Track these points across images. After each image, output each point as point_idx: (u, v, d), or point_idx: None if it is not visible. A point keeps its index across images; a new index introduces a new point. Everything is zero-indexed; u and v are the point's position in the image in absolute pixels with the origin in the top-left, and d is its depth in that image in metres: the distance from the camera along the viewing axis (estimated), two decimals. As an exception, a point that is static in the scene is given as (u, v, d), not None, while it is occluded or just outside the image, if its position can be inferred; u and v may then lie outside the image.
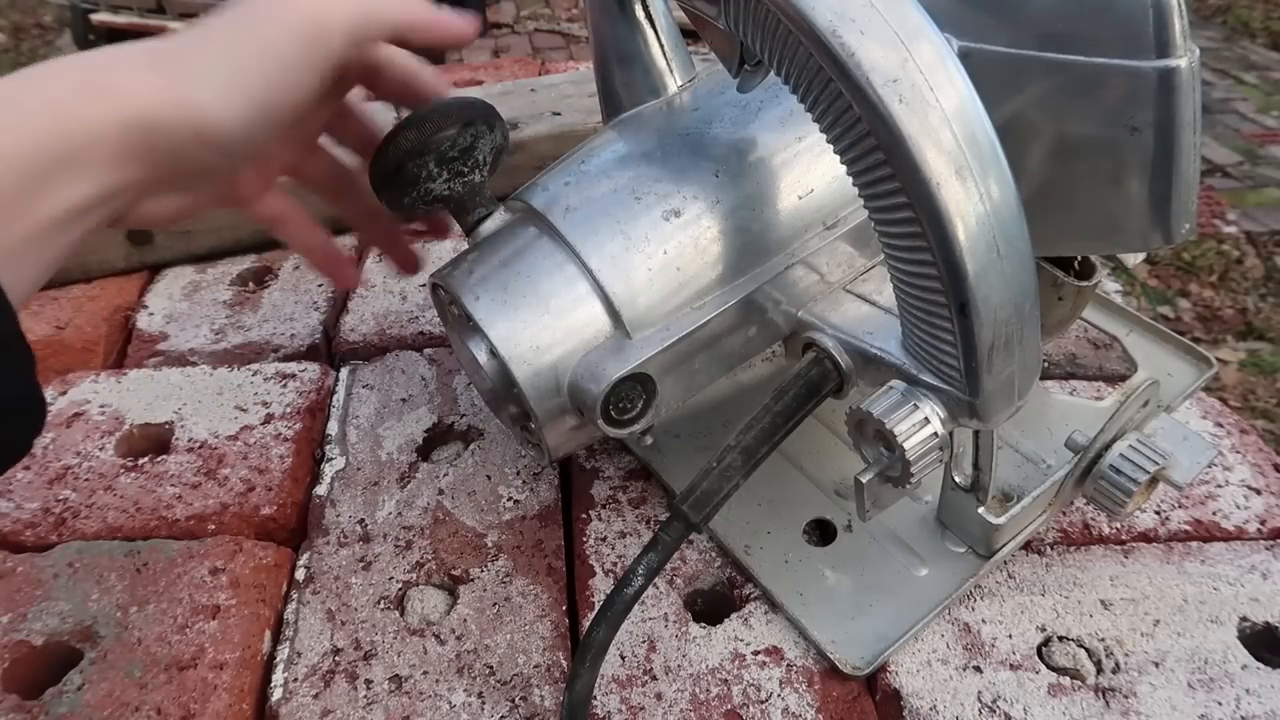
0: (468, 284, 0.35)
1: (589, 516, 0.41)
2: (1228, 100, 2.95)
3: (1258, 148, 2.65)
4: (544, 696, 0.34)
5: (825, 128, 0.27)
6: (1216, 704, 0.34)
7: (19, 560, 0.39)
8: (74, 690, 0.34)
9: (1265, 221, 2.28)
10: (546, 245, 0.35)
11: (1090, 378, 0.51)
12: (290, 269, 0.59)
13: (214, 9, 0.29)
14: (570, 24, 3.63)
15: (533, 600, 0.38)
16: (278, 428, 0.46)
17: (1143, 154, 0.29)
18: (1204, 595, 0.38)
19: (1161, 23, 0.27)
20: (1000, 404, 0.29)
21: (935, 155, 0.25)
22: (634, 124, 0.40)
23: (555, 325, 0.34)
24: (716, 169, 0.36)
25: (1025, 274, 0.27)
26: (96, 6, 3.11)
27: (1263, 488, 0.43)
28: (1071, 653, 0.36)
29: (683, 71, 0.41)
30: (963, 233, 0.26)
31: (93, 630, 0.36)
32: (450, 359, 0.51)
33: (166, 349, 0.52)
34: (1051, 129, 0.31)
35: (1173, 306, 1.98)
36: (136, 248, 0.58)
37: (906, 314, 0.30)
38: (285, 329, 0.53)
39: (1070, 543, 0.41)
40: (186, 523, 0.41)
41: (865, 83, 0.25)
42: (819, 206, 0.36)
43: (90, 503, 0.41)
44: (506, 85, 0.75)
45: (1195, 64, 0.28)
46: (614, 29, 0.40)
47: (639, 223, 0.35)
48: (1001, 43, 0.30)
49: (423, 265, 0.41)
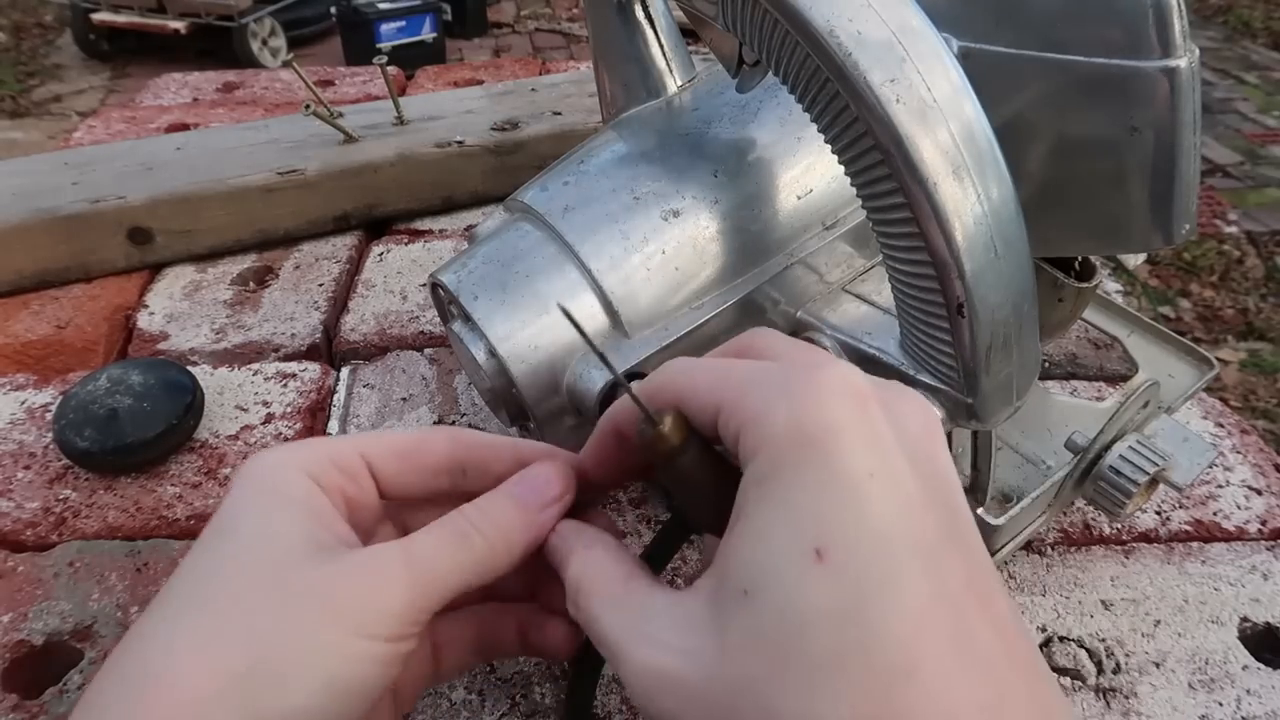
0: (467, 283, 0.35)
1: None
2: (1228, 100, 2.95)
3: (1258, 148, 2.65)
4: (544, 694, 0.34)
5: (823, 128, 0.27)
6: (1217, 704, 0.34)
7: (19, 560, 0.39)
8: (74, 690, 0.34)
9: (1266, 221, 2.28)
10: (545, 245, 0.35)
11: (1091, 378, 0.51)
12: (290, 269, 0.59)
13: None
14: (570, 24, 3.63)
15: (532, 600, 0.38)
16: (278, 427, 0.46)
17: (1143, 154, 0.29)
18: (1205, 596, 0.38)
19: (1162, 23, 0.27)
20: (998, 404, 0.29)
21: (933, 155, 0.25)
22: (634, 124, 0.40)
23: (554, 325, 0.34)
24: (715, 169, 0.36)
25: (1023, 274, 0.27)
26: (97, 6, 3.11)
27: (1263, 488, 0.43)
28: (1072, 653, 0.36)
29: (683, 71, 0.41)
30: (960, 233, 0.25)
31: (93, 630, 0.36)
32: (451, 359, 0.51)
33: (167, 348, 0.52)
34: (1051, 129, 0.31)
35: (1173, 306, 1.98)
36: (137, 247, 0.58)
37: (905, 314, 0.30)
38: (286, 329, 0.53)
39: (1071, 543, 0.41)
40: (187, 522, 0.41)
41: (862, 83, 0.25)
42: (818, 207, 0.36)
43: (90, 502, 0.41)
44: (507, 85, 0.75)
45: (1195, 64, 0.28)
46: (614, 29, 0.40)
47: (638, 223, 0.35)
48: (1001, 43, 0.30)
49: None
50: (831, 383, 0.21)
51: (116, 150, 0.64)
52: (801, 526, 0.20)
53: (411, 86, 0.88)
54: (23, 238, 0.55)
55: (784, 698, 0.19)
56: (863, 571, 0.19)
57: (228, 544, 0.24)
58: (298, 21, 3.29)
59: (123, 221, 0.57)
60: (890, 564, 0.19)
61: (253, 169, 0.60)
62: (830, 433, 0.20)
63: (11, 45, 3.50)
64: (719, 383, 0.23)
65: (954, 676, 0.19)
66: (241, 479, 0.25)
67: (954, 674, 0.19)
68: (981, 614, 0.20)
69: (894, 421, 0.21)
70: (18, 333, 0.53)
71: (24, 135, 2.79)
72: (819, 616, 0.19)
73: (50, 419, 0.44)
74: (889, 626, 0.19)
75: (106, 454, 0.41)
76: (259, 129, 0.66)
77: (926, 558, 0.20)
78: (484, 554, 0.25)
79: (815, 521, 0.20)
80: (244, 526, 0.24)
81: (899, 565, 0.19)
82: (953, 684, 0.18)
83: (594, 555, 0.24)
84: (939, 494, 0.21)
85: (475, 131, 0.65)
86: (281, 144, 0.63)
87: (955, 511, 0.21)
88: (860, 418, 0.21)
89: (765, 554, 0.20)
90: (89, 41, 3.29)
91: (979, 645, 0.19)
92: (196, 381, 0.45)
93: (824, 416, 0.20)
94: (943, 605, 0.19)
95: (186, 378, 0.45)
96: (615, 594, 0.23)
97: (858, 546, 0.19)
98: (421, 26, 3.08)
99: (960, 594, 0.20)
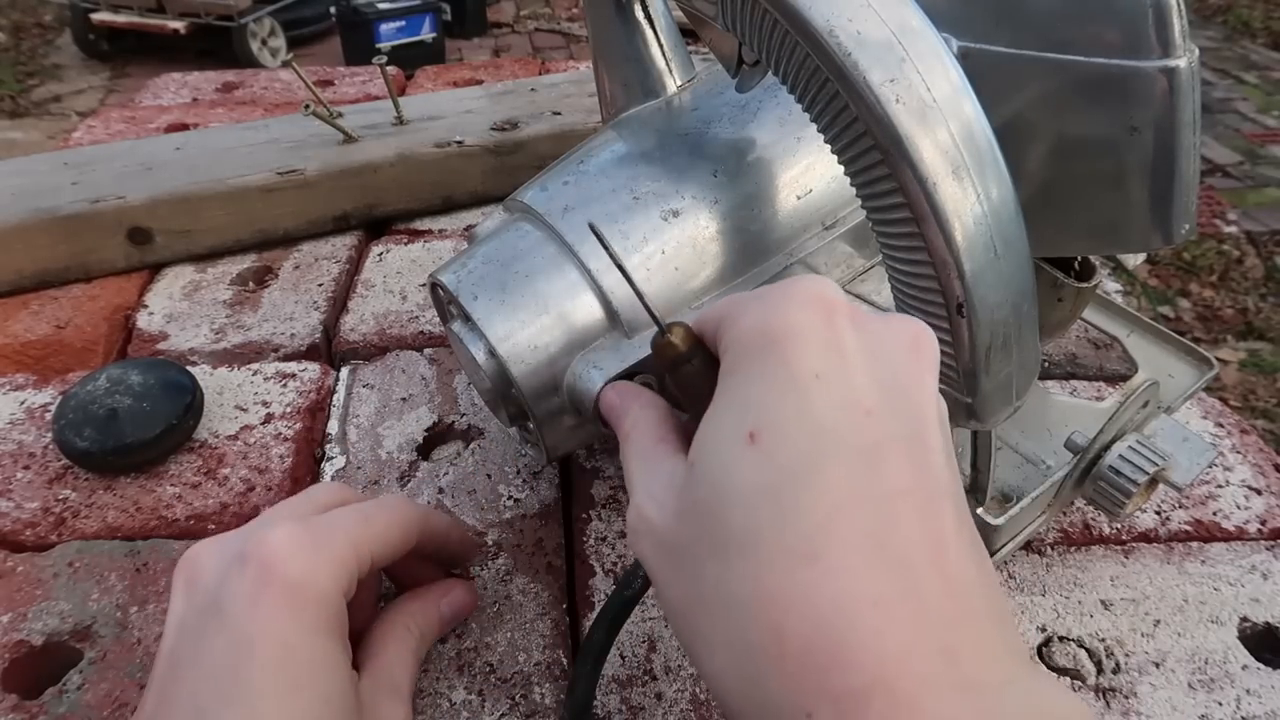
0: (466, 283, 0.35)
1: (589, 516, 0.41)
2: (1228, 100, 2.95)
3: (1258, 147, 2.65)
4: (544, 694, 0.34)
5: (823, 128, 0.27)
6: (1217, 704, 0.34)
7: (19, 560, 0.39)
8: (74, 690, 0.34)
9: (1265, 221, 2.28)
10: (545, 245, 0.35)
11: (1091, 378, 0.51)
12: (290, 269, 0.59)
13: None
14: (570, 24, 3.63)
15: (533, 599, 0.38)
16: (278, 427, 0.46)
17: (1143, 154, 0.29)
18: (1204, 595, 0.38)
19: (1161, 23, 0.27)
20: (998, 404, 0.29)
21: (932, 155, 0.25)
22: (633, 124, 0.40)
23: (553, 325, 0.34)
24: (715, 169, 0.36)
25: (1023, 274, 0.27)
26: (97, 6, 3.11)
27: (1263, 488, 0.43)
28: (1072, 653, 0.36)
29: (682, 71, 0.41)
30: (960, 233, 0.26)
31: (93, 630, 0.36)
32: (450, 358, 0.51)
33: (167, 348, 0.52)
34: (1051, 129, 0.31)
35: (1173, 306, 1.98)
36: (137, 247, 0.58)
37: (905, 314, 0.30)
38: (285, 328, 0.53)
39: (1070, 543, 0.41)
40: (186, 523, 0.41)
41: (862, 83, 0.25)
42: (817, 207, 0.36)
43: (90, 502, 0.41)
44: (507, 85, 0.75)
45: (1195, 64, 0.28)
46: (613, 29, 0.40)
47: (637, 223, 0.35)
48: (1001, 43, 0.30)
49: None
50: (801, 293, 0.23)
51: (116, 150, 0.64)
52: (744, 412, 0.22)
53: (411, 86, 0.88)
54: (22, 238, 0.55)
55: (709, 562, 0.21)
56: (790, 458, 0.20)
57: (304, 699, 0.26)
58: (297, 21, 3.30)
59: (122, 221, 0.57)
60: (817, 456, 0.20)
61: (252, 169, 0.60)
62: (788, 335, 0.22)
63: (11, 45, 3.50)
64: (728, 302, 0.25)
65: (857, 569, 0.19)
66: (294, 598, 0.27)
67: (858, 566, 0.19)
68: (915, 523, 0.20)
69: (867, 336, 0.23)
70: (17, 333, 0.53)
71: (24, 135, 2.79)
72: (743, 492, 0.21)
73: (50, 419, 0.44)
74: (803, 511, 0.20)
75: (106, 454, 0.41)
76: (259, 129, 0.66)
77: (860, 457, 0.20)
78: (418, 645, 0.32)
79: (757, 409, 0.21)
80: (318, 683, 0.26)
81: (826, 458, 0.20)
82: (855, 574, 0.19)
83: (643, 415, 0.27)
84: (897, 405, 0.22)
85: (475, 131, 0.65)
86: (281, 144, 0.63)
87: (915, 425, 0.22)
88: (821, 324, 0.22)
89: (711, 432, 0.22)
90: (88, 41, 3.29)
91: (896, 544, 0.20)
92: (196, 381, 0.45)
93: (786, 321, 0.22)
94: (866, 502, 0.20)
95: (186, 378, 0.45)
96: (645, 448, 0.26)
97: (789, 435, 0.21)
98: (421, 26, 3.09)
99: (893, 497, 0.20)
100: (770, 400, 0.21)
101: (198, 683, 0.26)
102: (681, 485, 0.23)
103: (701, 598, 0.21)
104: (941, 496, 0.21)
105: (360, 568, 0.29)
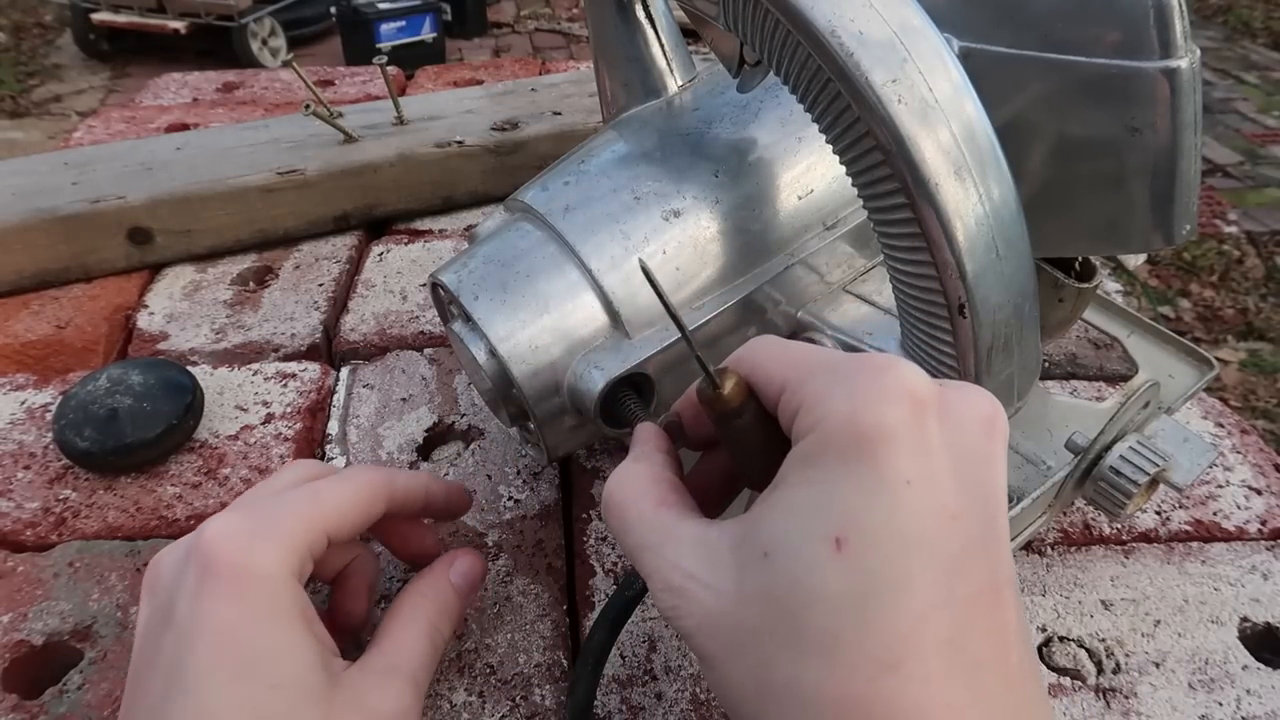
0: (467, 283, 0.35)
1: (589, 516, 0.41)
2: (1228, 100, 2.95)
3: (1258, 147, 2.65)
4: (544, 695, 0.34)
5: (824, 128, 0.27)
6: (1217, 704, 0.34)
7: (19, 560, 0.39)
8: (74, 690, 0.34)
9: (1266, 221, 2.28)
10: (546, 245, 0.35)
11: (1091, 378, 0.51)
12: (291, 269, 0.59)
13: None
14: (570, 24, 3.63)
15: (533, 599, 0.38)
16: (278, 427, 0.46)
17: (1143, 155, 0.29)
18: (1205, 596, 0.38)
19: (1162, 23, 0.27)
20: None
21: (934, 156, 0.25)
22: (634, 124, 0.40)
23: (554, 325, 0.34)
24: (716, 169, 0.36)
25: (1024, 275, 0.27)
26: (97, 6, 3.11)
27: (1263, 488, 0.43)
28: (1072, 653, 0.36)
29: (683, 71, 0.41)
30: (961, 233, 0.26)
31: (93, 630, 0.36)
32: (450, 359, 0.51)
33: (167, 348, 0.52)
34: (1052, 130, 0.31)
35: (1173, 306, 1.98)
36: (137, 247, 0.58)
37: (906, 315, 0.30)
38: (285, 329, 0.53)
39: (1071, 543, 0.41)
40: (186, 523, 0.41)
41: (864, 83, 0.25)
42: (819, 207, 0.36)
43: (90, 502, 0.41)
44: (507, 85, 0.75)
45: (1196, 64, 0.28)
46: (614, 29, 0.40)
47: (638, 222, 0.35)
48: (1002, 43, 0.30)
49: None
50: (893, 385, 0.22)
51: (116, 150, 0.64)
52: (831, 513, 0.21)
53: (411, 86, 0.88)
54: (22, 238, 0.55)
55: (780, 656, 0.21)
56: (876, 568, 0.20)
57: (248, 687, 0.25)
58: (298, 21, 3.30)
59: (122, 221, 0.57)
60: (904, 566, 0.20)
61: (253, 169, 0.60)
62: (880, 434, 0.21)
63: (11, 45, 3.50)
64: (791, 363, 0.24)
65: (934, 677, 0.20)
66: (234, 584, 0.26)
67: (935, 674, 0.20)
68: (985, 622, 0.21)
69: (950, 428, 0.22)
70: (18, 333, 0.53)
71: (24, 135, 2.79)
72: (826, 597, 0.20)
73: (50, 419, 0.44)
74: (887, 622, 0.20)
75: (106, 454, 0.41)
76: (259, 129, 0.66)
77: (943, 566, 0.20)
78: (442, 641, 0.32)
79: (844, 513, 0.21)
80: (262, 669, 0.26)
81: (912, 569, 0.20)
82: (931, 683, 0.20)
83: (635, 472, 0.26)
84: (976, 504, 0.22)
85: (475, 131, 0.65)
86: (281, 144, 0.63)
87: (989, 521, 0.22)
88: (912, 424, 0.21)
89: (792, 526, 0.21)
90: (89, 41, 3.29)
91: (970, 648, 0.20)
92: (196, 381, 0.45)
93: (878, 417, 0.21)
94: (945, 611, 0.20)
95: (186, 378, 0.45)
96: (645, 513, 0.25)
97: (877, 544, 0.20)
98: (421, 26, 3.09)
99: (968, 602, 0.21)
100: (858, 505, 0.21)
101: (151, 683, 0.26)
102: (734, 567, 0.22)
103: (770, 686, 0.21)
104: (1005, 586, 0.21)
105: (314, 546, 0.28)
